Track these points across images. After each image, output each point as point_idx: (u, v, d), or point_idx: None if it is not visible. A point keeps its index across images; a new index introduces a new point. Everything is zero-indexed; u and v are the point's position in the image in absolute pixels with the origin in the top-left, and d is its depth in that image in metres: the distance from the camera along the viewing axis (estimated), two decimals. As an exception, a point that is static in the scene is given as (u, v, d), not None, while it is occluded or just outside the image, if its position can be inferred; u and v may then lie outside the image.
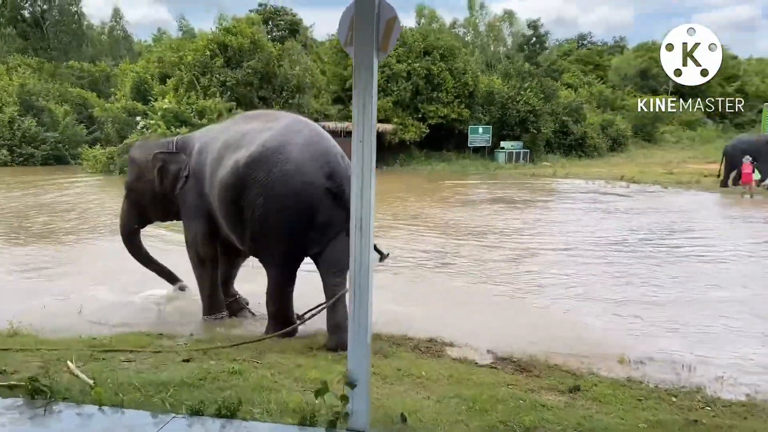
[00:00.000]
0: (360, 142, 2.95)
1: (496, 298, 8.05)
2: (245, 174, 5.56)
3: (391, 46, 3.00)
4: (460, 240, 12.03)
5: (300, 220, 5.48)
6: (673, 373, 5.33)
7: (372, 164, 2.97)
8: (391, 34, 2.97)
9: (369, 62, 2.94)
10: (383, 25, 2.96)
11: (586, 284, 8.69)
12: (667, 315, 7.27)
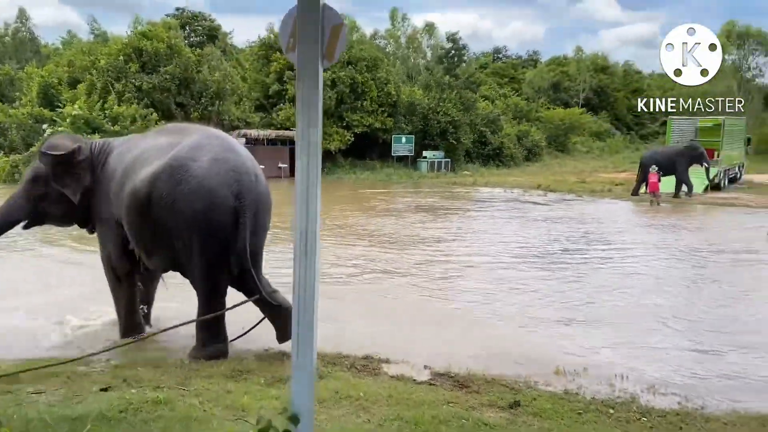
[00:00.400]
0: (304, 154, 2.75)
1: (427, 309, 7.99)
2: (150, 191, 5.28)
3: (338, 55, 2.82)
4: (387, 250, 11.93)
5: (207, 239, 5.23)
6: (607, 383, 5.39)
7: (318, 178, 2.78)
8: (337, 42, 2.79)
9: (313, 71, 2.75)
10: (328, 31, 2.78)
11: (514, 294, 8.76)
12: (594, 324, 7.41)
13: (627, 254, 11.91)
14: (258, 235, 5.57)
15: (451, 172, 31.79)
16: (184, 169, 5.24)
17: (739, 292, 9.19)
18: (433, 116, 32.84)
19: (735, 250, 12.51)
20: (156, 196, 5.26)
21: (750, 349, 6.54)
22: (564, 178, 28.00)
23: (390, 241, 12.88)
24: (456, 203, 20.47)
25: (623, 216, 18.20)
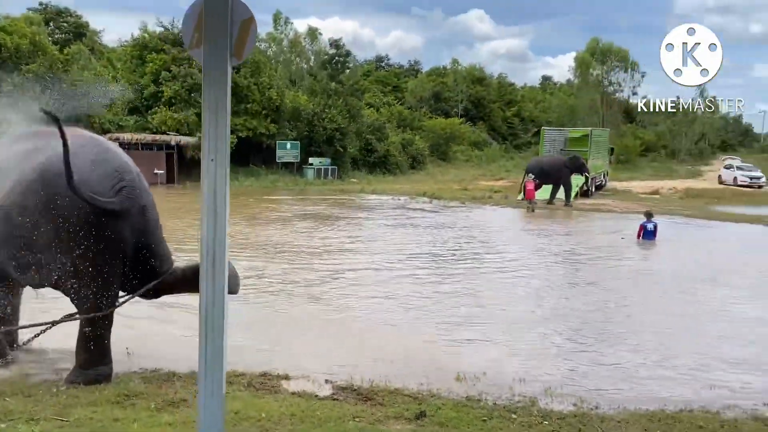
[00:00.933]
0: (212, 161, 2.51)
1: (322, 322, 7.78)
2: (21, 202, 4.75)
3: (247, 52, 2.61)
4: (276, 261, 11.57)
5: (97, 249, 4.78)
6: (507, 387, 5.48)
7: (226, 187, 2.55)
8: (247, 38, 2.59)
9: (221, 70, 2.52)
10: (237, 26, 2.56)
11: (408, 302, 8.77)
12: (488, 329, 7.56)
13: (512, 259, 12.36)
14: (155, 233, 5.21)
15: (337, 179, 31.71)
16: (61, 175, 4.72)
17: (614, 294, 9.78)
18: (319, 122, 32.62)
19: (607, 254, 13.37)
20: (31, 208, 4.72)
21: (630, 349, 6.93)
22: (447, 186, 28.77)
23: (278, 251, 12.53)
24: (345, 211, 20.40)
25: (505, 222, 18.94)
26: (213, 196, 2.53)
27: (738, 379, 5.94)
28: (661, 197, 27.87)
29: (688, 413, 4.83)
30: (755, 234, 18.25)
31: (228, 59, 2.54)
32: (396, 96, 52.26)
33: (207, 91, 2.53)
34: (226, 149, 2.54)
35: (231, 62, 2.57)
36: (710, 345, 7.16)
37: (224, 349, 2.60)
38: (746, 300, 9.52)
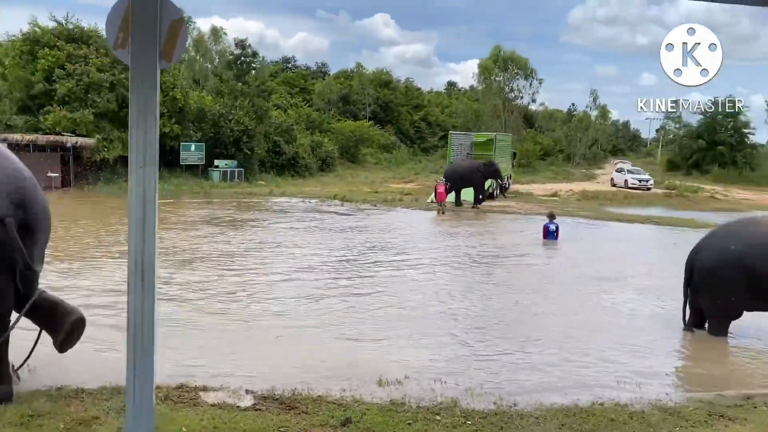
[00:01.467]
0: (140, 167, 2.38)
1: (236, 330, 7.58)
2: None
3: (178, 55, 2.50)
4: (183, 268, 11.15)
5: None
6: (429, 389, 5.55)
7: (155, 192, 2.43)
8: (177, 39, 2.47)
9: (150, 73, 2.40)
10: (166, 27, 2.44)
11: (324, 307, 8.71)
12: (406, 332, 7.63)
13: (426, 261, 12.56)
14: (43, 246, 4.90)
15: (244, 181, 31.05)
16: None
17: (522, 293, 10.15)
18: (225, 124, 31.82)
19: (514, 254, 13.88)
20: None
21: (542, 347, 7.21)
22: (358, 188, 28.86)
23: (186, 258, 12.09)
24: (254, 214, 20.00)
25: (417, 224, 19.22)
26: (142, 206, 2.40)
27: (641, 372, 6.31)
28: (559, 199, 29.22)
29: (599, 407, 5.09)
30: (645, 233, 19.54)
31: (157, 61, 2.41)
32: (304, 98, 51.93)
33: (135, 95, 2.40)
34: (156, 156, 2.42)
35: (160, 65, 2.44)
36: (614, 340, 7.56)
37: (154, 362, 2.48)
38: (641, 296, 10.14)
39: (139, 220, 2.40)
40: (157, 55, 2.42)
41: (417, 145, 54.38)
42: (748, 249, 7.30)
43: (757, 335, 7.88)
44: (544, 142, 54.44)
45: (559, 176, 42.56)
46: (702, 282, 7.62)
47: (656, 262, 13.55)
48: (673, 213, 25.63)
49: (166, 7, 2.45)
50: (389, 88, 57.13)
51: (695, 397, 5.56)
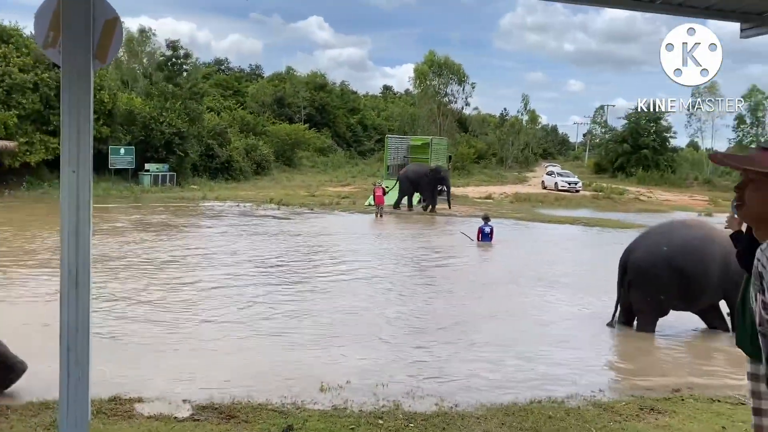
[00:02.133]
0: (73, 172, 2.28)
1: (172, 338, 7.35)
2: None
3: (112, 55, 2.40)
4: (114, 276, 10.73)
5: None
6: (371, 393, 5.53)
7: (89, 198, 2.33)
8: (112, 39, 2.38)
9: (83, 73, 2.30)
10: (100, 27, 2.35)
11: (262, 313, 8.57)
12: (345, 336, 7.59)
13: (365, 264, 12.56)
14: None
15: (177, 185, 30.29)
16: None
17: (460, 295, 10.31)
18: (156, 126, 30.96)
19: (451, 256, 14.10)
20: None
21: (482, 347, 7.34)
22: (294, 192, 28.62)
23: (116, 266, 11.64)
24: (186, 220, 19.53)
25: (355, 228, 19.22)
26: (75, 212, 2.29)
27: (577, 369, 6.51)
28: (493, 201, 29.86)
29: (538, 404, 5.21)
30: (575, 234, 20.21)
31: (91, 62, 2.32)
32: (238, 100, 51.14)
33: (66, 96, 2.29)
34: (89, 160, 2.32)
35: (94, 65, 2.35)
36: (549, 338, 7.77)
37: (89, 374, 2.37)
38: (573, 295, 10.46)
39: (72, 227, 2.29)
40: (91, 55, 2.32)
41: (353, 148, 54.46)
42: (678, 250, 7.62)
43: (680, 331, 8.28)
44: (477, 145, 55.56)
45: (493, 179, 43.52)
46: (634, 280, 7.90)
47: (586, 262, 14.03)
48: (600, 214, 26.62)
49: (99, 6, 2.35)
50: (325, 91, 56.99)
51: (627, 392, 5.78)
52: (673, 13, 4.07)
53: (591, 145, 71.17)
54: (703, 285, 7.58)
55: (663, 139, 53.43)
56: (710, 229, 7.97)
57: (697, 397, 5.57)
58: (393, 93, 74.79)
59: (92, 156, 2.37)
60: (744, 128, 52.87)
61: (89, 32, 2.30)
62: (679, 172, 51.31)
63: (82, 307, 2.32)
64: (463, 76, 53.91)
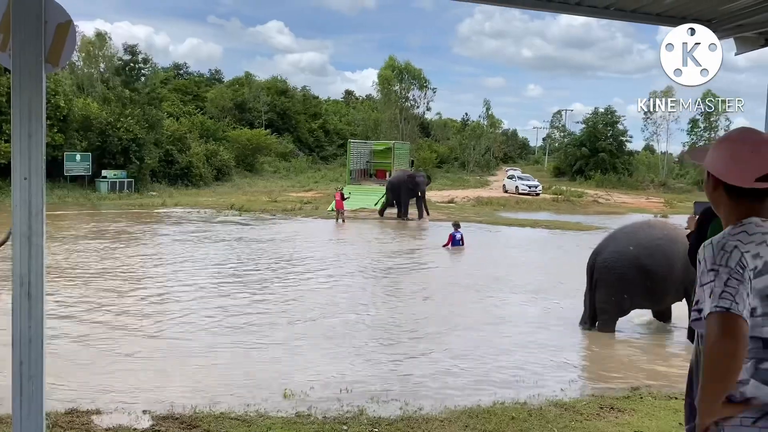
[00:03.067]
0: (25, 179, 2.22)
1: (131, 348, 7.19)
2: None
3: (66, 59, 2.35)
4: (70, 285, 10.48)
5: None
6: (335, 399, 5.51)
7: (42, 206, 2.26)
8: (65, 43, 2.32)
9: (35, 78, 2.24)
10: (52, 30, 2.29)
11: (222, 320, 8.45)
12: (311, 342, 7.56)
13: (329, 270, 12.53)
14: None
15: (135, 192, 29.73)
16: None
17: (426, 300, 10.36)
18: (114, 132, 30.37)
19: (418, 261, 14.15)
20: None
21: (444, 351, 7.38)
22: (256, 198, 28.37)
23: (69, 275, 11.35)
24: (144, 227, 19.17)
25: (318, 233, 19.15)
26: (27, 220, 2.23)
27: (539, 369, 6.60)
28: (456, 205, 30.09)
29: (501, 406, 5.25)
30: (535, 236, 20.51)
31: (42, 66, 2.26)
32: (197, 105, 50.47)
33: (17, 101, 2.23)
34: (42, 167, 2.26)
35: (45, 69, 2.29)
36: (512, 340, 7.85)
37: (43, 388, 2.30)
38: (534, 296, 10.60)
39: (25, 235, 2.23)
40: (42, 59, 2.26)
41: (316, 153, 54.25)
42: (644, 251, 7.86)
43: (637, 330, 8.48)
44: (440, 150, 55.97)
45: (455, 183, 43.88)
46: (601, 280, 8.05)
47: (547, 265, 14.24)
48: (560, 217, 27.09)
49: (51, 9, 2.29)
50: (286, 96, 56.66)
51: (588, 392, 5.88)
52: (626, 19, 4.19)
53: (550, 149, 72.38)
54: (668, 283, 7.83)
55: (620, 143, 54.65)
56: (673, 229, 8.25)
57: (655, 395, 5.69)
58: (355, 98, 74.80)
59: (45, 162, 2.30)
60: (698, 132, 54.39)
61: (40, 36, 2.24)
62: (636, 175, 52.55)
63: (35, 318, 2.25)
64: (424, 81, 54.26)
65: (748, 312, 1.63)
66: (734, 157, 1.76)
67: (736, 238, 1.70)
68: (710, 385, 1.65)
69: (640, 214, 27.79)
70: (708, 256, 1.70)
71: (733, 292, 1.61)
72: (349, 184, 28.97)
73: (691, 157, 2.00)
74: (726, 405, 1.68)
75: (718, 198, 1.82)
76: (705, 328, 1.64)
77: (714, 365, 1.62)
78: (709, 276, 1.67)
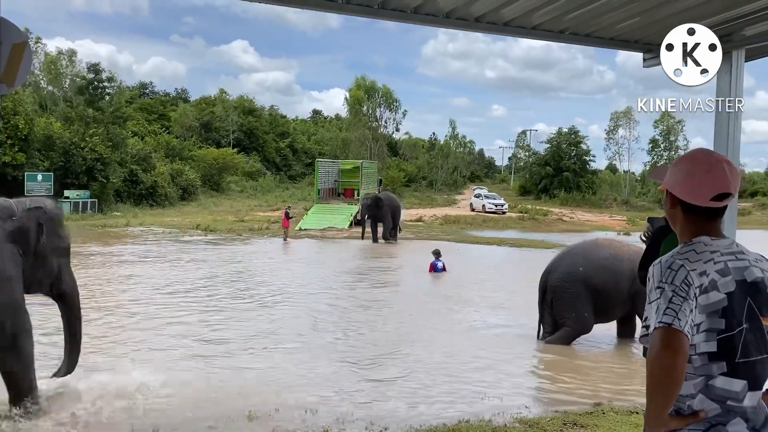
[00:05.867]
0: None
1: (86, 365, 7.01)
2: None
3: (21, 79, 2.33)
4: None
5: None
6: (300, 420, 5.46)
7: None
8: (20, 64, 2.31)
9: (-12, 97, 2.22)
10: (8, 50, 2.27)
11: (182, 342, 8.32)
12: (275, 363, 7.48)
13: (297, 290, 12.45)
14: None
15: (99, 212, 29.23)
16: None
17: (389, 317, 10.36)
18: (77, 152, 29.89)
19: (381, 279, 14.14)
20: None
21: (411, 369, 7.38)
22: (222, 217, 28.12)
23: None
24: (109, 248, 18.82)
25: (286, 253, 19.05)
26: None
27: (503, 386, 6.64)
28: (424, 224, 30.25)
29: (465, 424, 5.26)
30: (502, 254, 20.73)
31: (-4, 86, 2.24)
32: (162, 124, 50.01)
33: (-30, 122, 2.20)
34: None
35: (0, 90, 2.27)
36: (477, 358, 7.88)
37: None
38: (499, 313, 10.70)
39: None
40: (-4, 79, 2.25)
41: (284, 172, 54.11)
42: (592, 270, 8.26)
43: (598, 345, 8.63)
44: (408, 169, 56.32)
45: (423, 202, 44.14)
46: (554, 298, 8.39)
47: (512, 282, 14.37)
48: (526, 235, 27.43)
49: (6, 29, 2.28)
50: (254, 116, 56.54)
51: (551, 408, 5.93)
52: (581, 43, 4.32)
53: (516, 168, 73.38)
54: (616, 298, 8.24)
55: (583, 162, 55.72)
56: (619, 247, 8.71)
57: (617, 410, 5.77)
58: (323, 117, 74.96)
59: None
60: (658, 151, 55.79)
61: (-5, 56, 2.23)
62: (599, 194, 53.56)
63: None
64: (394, 101, 54.69)
65: (690, 328, 1.69)
66: (691, 177, 1.84)
67: (684, 256, 1.77)
68: (654, 397, 1.71)
69: (603, 231, 28.28)
70: (656, 274, 1.77)
71: (676, 309, 1.68)
72: (317, 203, 28.92)
73: (652, 176, 2.09)
74: (673, 417, 1.74)
75: (675, 215, 1.90)
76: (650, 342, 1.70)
77: (656, 378, 1.67)
78: (656, 293, 1.74)
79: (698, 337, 1.72)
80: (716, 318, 1.73)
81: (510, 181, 69.81)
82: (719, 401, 1.73)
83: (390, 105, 54.20)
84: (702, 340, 1.73)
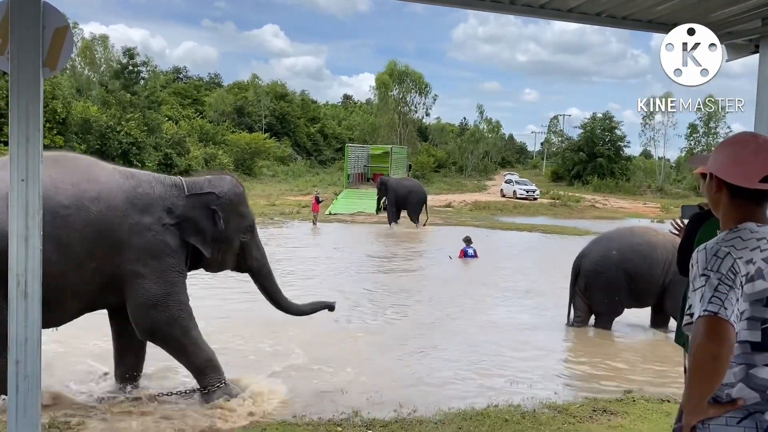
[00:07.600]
0: (22, 180, 2.26)
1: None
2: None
3: (62, 63, 2.40)
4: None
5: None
6: (329, 401, 5.52)
7: (38, 209, 2.30)
8: (62, 48, 2.37)
9: (33, 81, 2.29)
10: (50, 35, 2.34)
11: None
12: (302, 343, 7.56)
13: (324, 273, 12.56)
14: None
15: (134, 195, 29.76)
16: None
17: (422, 303, 10.40)
18: (113, 136, 30.45)
19: (411, 264, 14.17)
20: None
21: (441, 354, 7.42)
22: (254, 201, 28.21)
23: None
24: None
25: (316, 236, 19.19)
26: (24, 221, 2.26)
27: (533, 372, 6.64)
28: (453, 209, 30.16)
29: (494, 408, 5.28)
30: (533, 241, 20.58)
31: (40, 70, 2.31)
32: (196, 109, 50.51)
33: (15, 104, 2.27)
34: (39, 168, 2.30)
35: (43, 74, 2.34)
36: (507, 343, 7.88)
37: (39, 388, 2.34)
38: (530, 300, 10.65)
39: (21, 236, 2.27)
40: (40, 62, 2.31)
41: (314, 157, 54.29)
42: (626, 254, 8.24)
43: (631, 333, 8.53)
44: (437, 154, 56.02)
45: (453, 187, 43.93)
46: (588, 283, 8.42)
47: (543, 269, 14.27)
48: (557, 221, 27.15)
49: (49, 13, 2.34)
50: (285, 101, 56.77)
51: (581, 394, 5.91)
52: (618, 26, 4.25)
53: (548, 153, 72.52)
54: (649, 285, 8.18)
55: (617, 148, 54.81)
56: (654, 235, 8.60)
57: (647, 398, 5.73)
58: (353, 102, 74.91)
59: (42, 165, 2.35)
60: (696, 137, 54.55)
61: (38, 40, 2.29)
62: (633, 180, 52.70)
63: (31, 318, 2.29)
64: (425, 85, 54.40)
65: (736, 317, 1.67)
66: (737, 159, 1.80)
67: (730, 243, 1.74)
68: (696, 386, 1.70)
69: (636, 219, 27.87)
70: (700, 261, 1.74)
71: (722, 297, 1.65)
72: (347, 188, 29.06)
73: (691, 163, 2.06)
74: (712, 405, 1.73)
75: (719, 200, 1.86)
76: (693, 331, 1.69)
77: (700, 367, 1.66)
78: (700, 281, 1.71)
79: (740, 324, 1.70)
80: (760, 307, 1.71)
81: (542, 166, 69.02)
82: (760, 390, 1.71)
83: (420, 89, 53.91)
84: (744, 328, 1.71)
